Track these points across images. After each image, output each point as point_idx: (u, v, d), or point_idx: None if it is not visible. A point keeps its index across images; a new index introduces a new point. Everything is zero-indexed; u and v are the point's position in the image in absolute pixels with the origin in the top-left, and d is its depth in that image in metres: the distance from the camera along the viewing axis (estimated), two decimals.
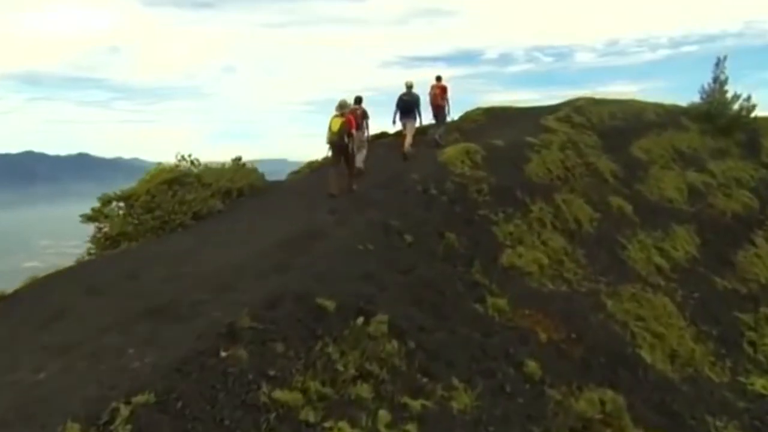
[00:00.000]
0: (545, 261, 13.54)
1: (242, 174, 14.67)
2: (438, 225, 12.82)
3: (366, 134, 18.93)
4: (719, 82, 30.60)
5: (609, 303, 13.20)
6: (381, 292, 9.33)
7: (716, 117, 29.96)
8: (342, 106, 15.69)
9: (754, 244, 20.65)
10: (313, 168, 19.48)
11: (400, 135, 22.02)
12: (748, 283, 18.05)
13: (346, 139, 15.22)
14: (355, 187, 15.80)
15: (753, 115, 31.12)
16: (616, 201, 19.22)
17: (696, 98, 31.64)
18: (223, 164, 14.99)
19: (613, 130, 25.42)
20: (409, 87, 20.84)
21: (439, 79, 21.87)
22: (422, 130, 23.64)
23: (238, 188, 13.76)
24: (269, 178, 18.53)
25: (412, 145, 20.87)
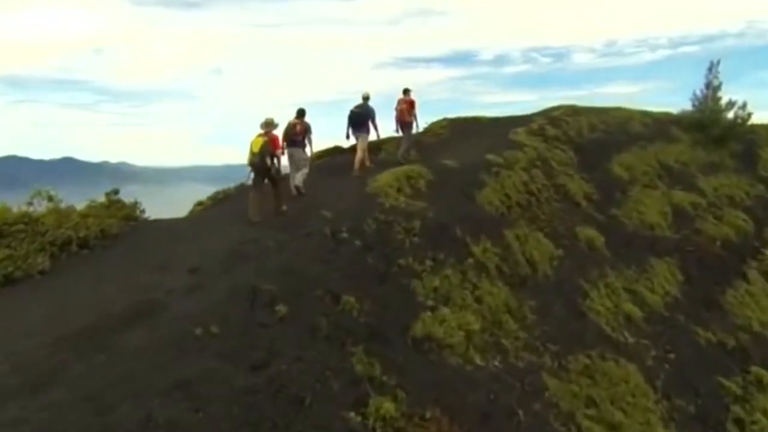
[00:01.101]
0: (476, 326, 10.37)
1: (112, 212, 11.59)
2: (335, 284, 9.71)
3: (309, 151, 16.14)
4: (712, 88, 27.29)
5: (552, 384, 10.05)
6: (190, 415, 6.31)
7: (709, 126, 26.65)
8: (267, 124, 13.75)
9: (746, 278, 17.43)
10: (219, 199, 16.40)
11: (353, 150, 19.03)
12: (736, 333, 14.85)
13: (268, 161, 13.44)
14: (284, 208, 13.83)
15: (750, 122, 27.92)
16: (585, 232, 16.05)
17: (691, 104, 28.48)
18: (93, 202, 11.86)
19: (591, 144, 22.21)
20: (365, 98, 17.99)
21: (406, 92, 19.14)
22: (378, 146, 20.72)
23: (82, 237, 10.63)
24: None
25: (370, 162, 18.09)
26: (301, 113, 15.82)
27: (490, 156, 18.18)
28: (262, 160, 13.27)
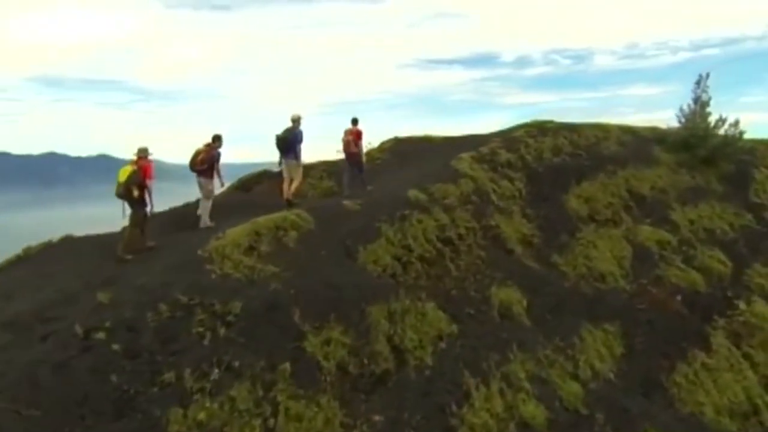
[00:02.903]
0: None
1: None
2: (46, 424, 6.60)
3: (217, 181, 14.06)
4: (700, 104, 23.32)
5: None
6: None
7: (696, 146, 22.78)
8: (140, 152, 12.26)
9: (707, 345, 13.71)
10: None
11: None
12: (679, 430, 11.26)
13: (134, 192, 11.90)
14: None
15: (746, 137, 23.87)
16: (503, 294, 12.51)
17: (677, 120, 24.54)
18: None
19: (550, 171, 18.58)
20: (294, 121, 15.43)
21: (354, 122, 17.36)
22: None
23: None
24: None
25: (296, 190, 15.57)
26: (215, 139, 13.96)
27: (413, 192, 14.82)
28: (126, 190, 11.80)
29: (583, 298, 13.52)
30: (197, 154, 13.75)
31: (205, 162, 13.67)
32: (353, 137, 17.32)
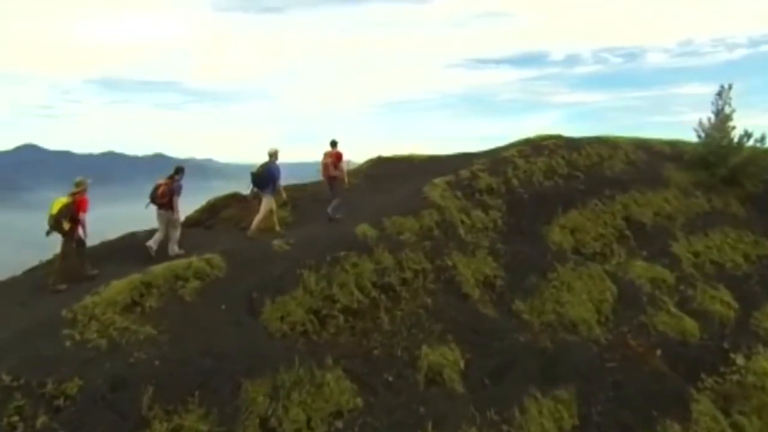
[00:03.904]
0: None
1: None
2: None
3: (176, 214, 13.28)
4: (722, 117, 20.75)
5: None
6: None
7: (715, 164, 20.27)
8: (77, 185, 11.76)
9: (686, 415, 11.46)
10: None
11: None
12: None
13: (64, 225, 11.34)
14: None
15: None
16: (433, 355, 10.68)
17: (696, 135, 22.02)
18: None
19: (535, 198, 16.56)
20: (270, 155, 14.55)
21: (334, 144, 16.37)
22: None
23: None
24: None
25: (279, 226, 14.74)
26: (177, 171, 13.49)
27: (362, 227, 13.20)
28: (56, 222, 11.28)
29: (540, 356, 11.52)
30: (157, 187, 13.24)
31: (166, 195, 13.12)
32: (332, 160, 16.17)
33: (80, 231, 11.94)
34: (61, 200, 11.54)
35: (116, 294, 9.51)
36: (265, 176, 14.42)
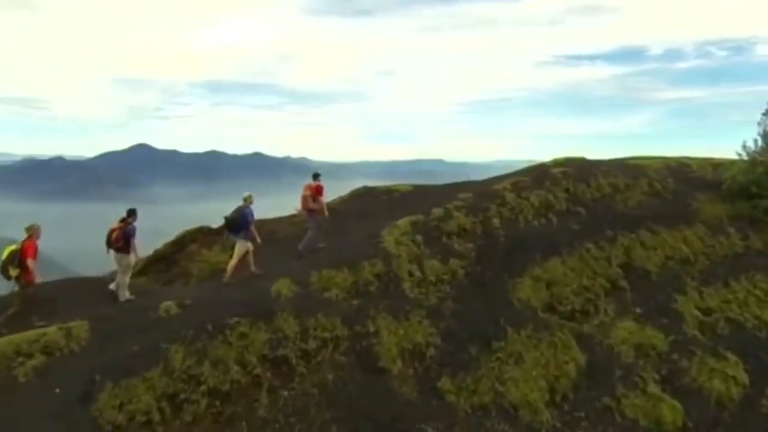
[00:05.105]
0: None
1: None
2: None
3: (134, 256, 12.97)
4: None
5: None
6: None
7: (759, 195, 17.07)
8: (27, 230, 11.61)
9: None
10: None
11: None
12: None
13: (11, 272, 11.08)
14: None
15: None
16: None
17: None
18: None
19: (513, 241, 14.31)
20: (244, 200, 13.99)
21: (315, 177, 15.50)
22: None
23: None
24: (427, 177, 13.39)
25: (255, 267, 13.59)
26: (129, 213, 13.15)
27: (280, 284, 11.68)
28: (3, 269, 11.09)
29: None
30: (112, 231, 12.87)
31: (120, 239, 12.71)
32: (311, 192, 15.02)
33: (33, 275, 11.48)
34: (10, 247, 11.36)
35: None
36: (239, 221, 13.66)
